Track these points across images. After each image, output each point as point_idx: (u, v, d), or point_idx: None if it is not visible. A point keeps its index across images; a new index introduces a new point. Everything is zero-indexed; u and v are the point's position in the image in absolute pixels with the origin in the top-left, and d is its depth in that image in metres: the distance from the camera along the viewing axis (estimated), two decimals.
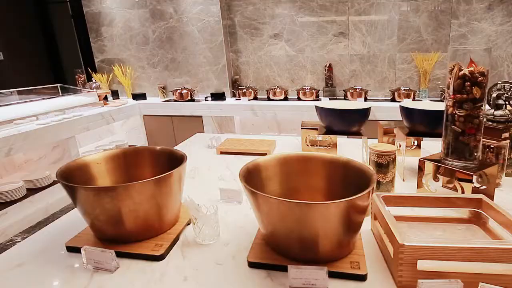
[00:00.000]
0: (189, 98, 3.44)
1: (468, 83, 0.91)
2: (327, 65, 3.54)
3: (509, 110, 1.11)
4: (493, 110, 1.09)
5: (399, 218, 0.84)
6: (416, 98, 3.28)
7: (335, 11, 3.55)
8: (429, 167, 1.00)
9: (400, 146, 1.24)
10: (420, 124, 1.16)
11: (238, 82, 3.71)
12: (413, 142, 1.47)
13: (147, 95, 3.75)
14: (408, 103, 1.19)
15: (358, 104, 1.20)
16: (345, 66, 3.62)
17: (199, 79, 3.71)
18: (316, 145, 1.47)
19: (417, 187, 1.04)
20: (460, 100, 0.92)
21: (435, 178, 1.00)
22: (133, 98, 3.50)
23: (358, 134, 1.20)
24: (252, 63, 3.75)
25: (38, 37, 4.49)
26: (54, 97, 2.75)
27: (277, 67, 3.71)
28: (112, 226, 0.76)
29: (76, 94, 2.91)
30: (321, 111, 1.18)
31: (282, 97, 3.40)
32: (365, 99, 3.27)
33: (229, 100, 3.46)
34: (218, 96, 3.43)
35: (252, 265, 0.72)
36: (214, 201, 1.04)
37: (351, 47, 3.60)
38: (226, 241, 0.82)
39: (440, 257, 0.62)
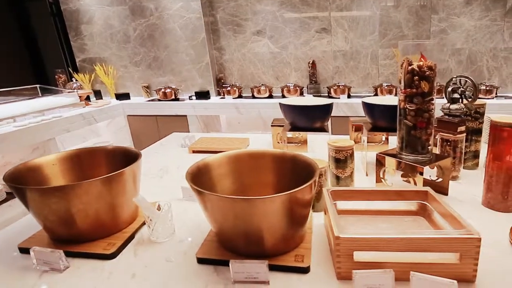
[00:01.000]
0: (173, 97, 3.42)
1: (417, 77, 0.93)
2: (311, 62, 3.55)
3: (464, 104, 1.14)
4: (449, 104, 1.11)
5: (349, 212, 0.86)
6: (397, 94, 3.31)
7: (316, 6, 3.56)
8: (385, 161, 1.03)
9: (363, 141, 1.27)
10: (380, 120, 1.18)
11: (222, 80, 3.71)
12: (383, 138, 1.49)
13: (131, 95, 3.72)
14: (370, 99, 1.21)
15: (320, 100, 1.21)
16: (328, 63, 3.64)
17: (183, 78, 3.70)
18: (288, 142, 1.49)
19: (376, 181, 1.06)
20: (410, 95, 0.95)
21: (392, 172, 1.02)
22: (117, 98, 3.48)
23: (322, 130, 1.21)
24: (236, 60, 3.75)
25: (17, 36, 4.41)
26: (33, 98, 2.72)
27: (261, 64, 3.72)
28: (62, 227, 0.77)
29: (56, 94, 2.88)
30: (284, 108, 1.19)
31: (267, 94, 3.41)
32: (349, 96, 3.30)
33: (214, 99, 3.46)
34: (202, 95, 3.43)
35: (200, 261, 0.73)
36: (177, 199, 1.05)
37: (334, 43, 3.61)
38: (181, 239, 0.83)
39: (375, 248, 0.64)
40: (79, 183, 0.74)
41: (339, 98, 3.19)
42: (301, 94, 3.39)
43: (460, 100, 1.15)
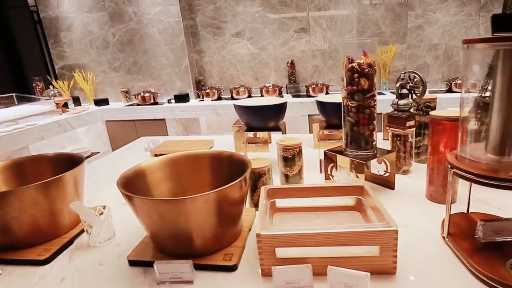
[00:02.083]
0: (152, 101, 3.42)
1: (357, 75, 0.94)
2: (289, 62, 3.57)
3: (413, 99, 1.15)
4: (398, 99, 1.12)
5: (290, 209, 0.87)
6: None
7: (295, 7, 3.58)
8: (332, 158, 1.04)
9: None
10: (332, 117, 1.19)
11: (202, 83, 3.71)
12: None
13: (111, 100, 3.71)
14: (322, 97, 1.22)
15: (273, 100, 1.22)
16: (307, 62, 3.66)
17: (163, 82, 3.69)
18: (252, 142, 1.50)
19: (325, 178, 1.07)
20: (351, 92, 0.96)
21: (338, 168, 1.03)
22: (95, 104, 3.47)
23: (277, 129, 1.22)
24: (216, 62, 3.76)
25: None
26: (8, 107, 2.70)
27: (241, 65, 3.73)
28: None
29: (32, 102, 2.87)
30: (237, 109, 1.20)
31: (246, 96, 3.42)
32: (327, 94, 3.32)
33: (193, 102, 3.46)
34: (181, 98, 3.43)
35: (132, 263, 0.73)
36: (124, 203, 1.05)
37: (313, 43, 3.64)
38: (119, 242, 0.83)
39: (295, 243, 0.64)
40: (11, 190, 0.74)
41: (316, 96, 3.22)
42: (280, 94, 3.40)
43: (410, 95, 1.16)
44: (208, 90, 3.43)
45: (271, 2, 3.57)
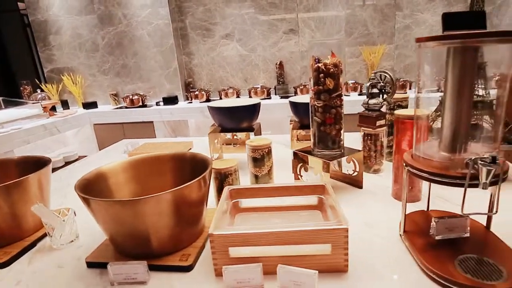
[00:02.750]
0: (141, 104, 3.42)
1: (322, 75, 0.95)
2: (278, 63, 3.58)
3: (384, 99, 1.16)
4: (368, 99, 1.13)
5: (253, 209, 0.87)
6: (363, 91, 3.35)
7: (284, 8, 3.60)
8: (302, 157, 1.04)
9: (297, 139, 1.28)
10: (305, 117, 1.20)
11: (191, 85, 3.72)
12: None
13: (100, 104, 3.71)
14: (295, 98, 1.22)
15: (246, 101, 1.23)
16: (296, 63, 3.67)
17: (152, 84, 3.70)
18: (230, 143, 1.50)
19: (294, 178, 1.08)
20: (318, 92, 0.96)
21: (306, 168, 1.04)
22: (84, 107, 3.46)
23: (250, 129, 1.23)
24: (205, 64, 3.76)
25: None
26: None
27: (230, 67, 3.74)
28: None
29: (19, 106, 2.86)
30: (210, 110, 1.20)
31: (234, 97, 3.43)
32: None
33: (181, 104, 3.46)
34: (170, 100, 3.43)
35: (89, 265, 0.73)
36: None
37: (302, 44, 3.65)
38: (81, 244, 0.83)
39: (247, 243, 0.64)
40: None
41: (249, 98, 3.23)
42: (268, 95, 3.41)
43: (381, 95, 1.17)
44: (196, 92, 3.43)
45: (261, 3, 3.58)
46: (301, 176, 1.05)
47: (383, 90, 1.16)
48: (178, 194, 0.68)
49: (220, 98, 3.42)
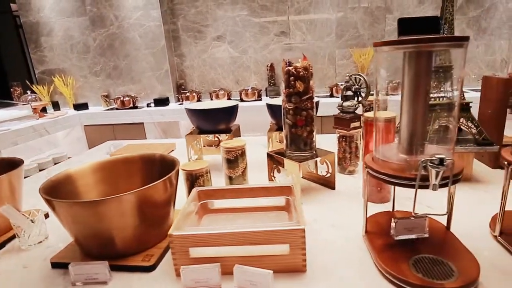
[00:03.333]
0: (132, 105, 3.42)
1: (292, 77, 0.96)
2: (269, 65, 3.60)
3: (358, 101, 1.17)
4: (342, 101, 1.15)
5: (222, 210, 0.88)
6: None
7: (275, 11, 3.62)
8: (276, 159, 1.05)
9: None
10: (280, 119, 1.21)
11: (183, 87, 3.73)
12: None
13: (91, 105, 3.71)
14: (272, 100, 1.24)
15: (223, 103, 1.24)
16: None
17: (143, 86, 3.70)
18: (211, 145, 1.51)
19: (268, 179, 1.09)
20: (288, 94, 0.98)
21: (279, 170, 1.05)
22: (75, 109, 3.46)
23: (227, 131, 1.24)
24: (197, 66, 3.77)
25: None
26: None
27: (222, 69, 3.75)
28: None
29: (8, 107, 2.86)
30: (187, 112, 1.21)
31: (225, 99, 3.44)
32: None
33: (172, 105, 3.47)
34: (161, 102, 3.43)
35: (54, 265, 0.74)
36: None
37: (293, 46, 3.67)
38: (50, 245, 0.84)
39: (207, 243, 0.65)
40: None
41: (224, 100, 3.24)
42: (259, 96, 3.43)
43: (357, 97, 1.19)
44: (188, 94, 3.44)
45: (252, 6, 3.60)
46: (274, 177, 1.06)
47: (357, 93, 1.18)
48: (141, 195, 0.69)
49: (211, 100, 3.43)
